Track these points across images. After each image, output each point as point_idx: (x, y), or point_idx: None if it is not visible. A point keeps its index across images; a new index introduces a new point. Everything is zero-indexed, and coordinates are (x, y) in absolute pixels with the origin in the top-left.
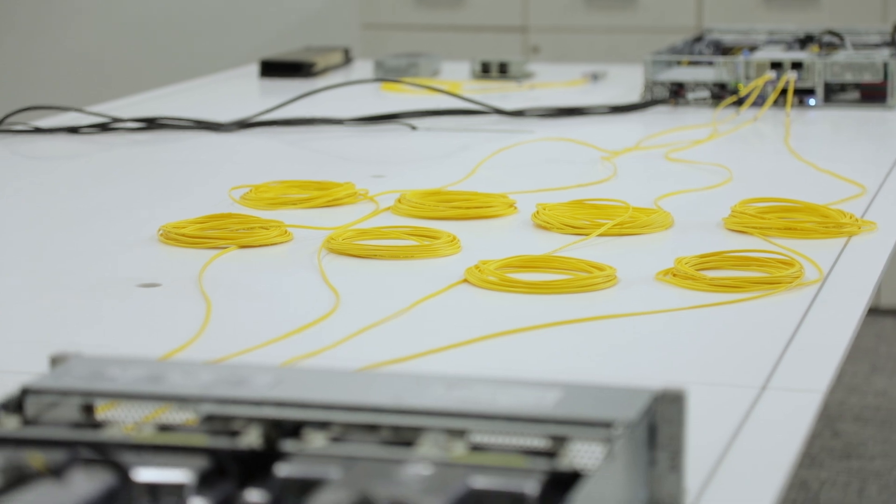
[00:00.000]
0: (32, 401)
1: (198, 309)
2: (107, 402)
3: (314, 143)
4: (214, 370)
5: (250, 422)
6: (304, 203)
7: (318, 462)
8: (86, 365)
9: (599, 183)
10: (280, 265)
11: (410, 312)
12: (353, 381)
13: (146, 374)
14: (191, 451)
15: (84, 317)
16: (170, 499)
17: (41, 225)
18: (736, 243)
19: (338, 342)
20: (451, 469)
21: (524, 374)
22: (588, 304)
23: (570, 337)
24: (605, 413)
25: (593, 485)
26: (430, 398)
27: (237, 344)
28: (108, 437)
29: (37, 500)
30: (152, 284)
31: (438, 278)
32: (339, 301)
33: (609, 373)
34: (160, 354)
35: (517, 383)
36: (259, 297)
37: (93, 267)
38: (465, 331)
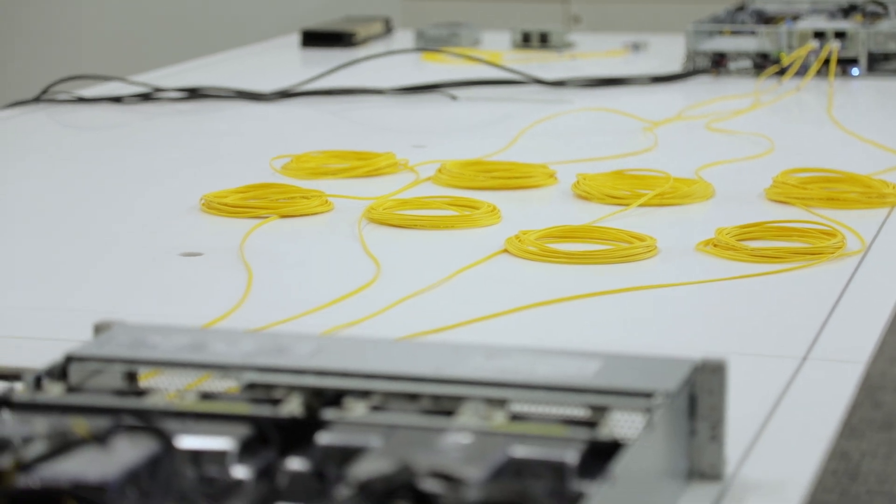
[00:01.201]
0: (76, 368)
1: (239, 278)
2: (149, 369)
3: (355, 113)
4: (256, 339)
5: (291, 390)
6: (344, 173)
7: (359, 431)
8: (129, 333)
9: (640, 153)
10: (320, 235)
11: (450, 282)
12: (393, 351)
13: (188, 343)
14: (232, 419)
15: (127, 285)
16: (212, 466)
17: (84, 194)
18: (777, 214)
19: (378, 312)
20: (490, 438)
21: (564, 344)
22: (628, 275)
23: (610, 307)
24: (646, 383)
25: (633, 454)
26: (470, 368)
27: (278, 313)
28: (151, 405)
29: (81, 465)
30: (194, 253)
31: (478, 248)
32: (379, 271)
33: (649, 343)
34: (202, 323)
35: (557, 353)
36: (300, 266)
37: (135, 236)
38: (505, 301)
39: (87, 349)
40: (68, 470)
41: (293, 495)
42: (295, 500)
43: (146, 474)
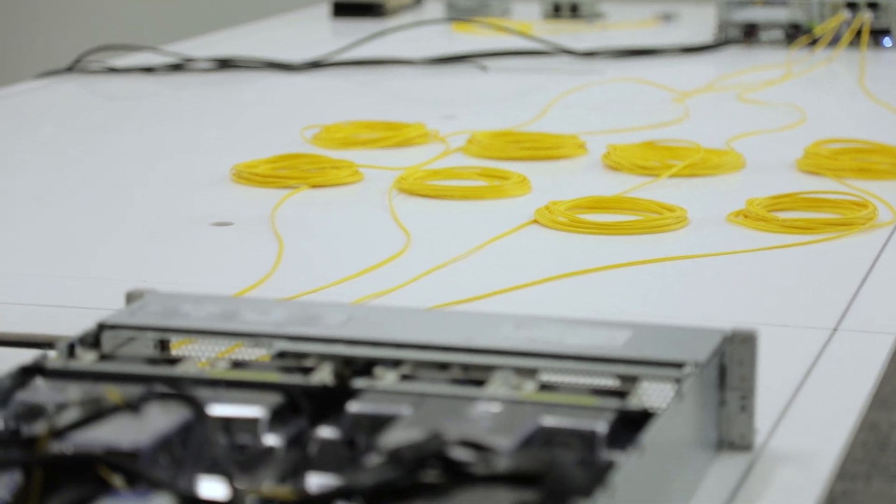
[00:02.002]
0: (109, 336)
1: (270, 247)
2: (181, 338)
3: (385, 84)
4: (287, 308)
5: (322, 359)
6: (374, 143)
7: (389, 399)
8: (161, 301)
9: (670, 124)
10: (351, 205)
11: (480, 252)
12: (423, 320)
13: (220, 311)
14: (263, 387)
15: (158, 254)
16: (243, 434)
17: (116, 164)
18: (809, 185)
19: (408, 281)
20: (520, 407)
21: (594, 315)
22: (658, 245)
23: (640, 278)
24: (676, 353)
25: (662, 425)
26: (499, 337)
27: (309, 282)
28: (183, 373)
29: (113, 432)
30: (225, 223)
31: (508, 219)
32: (409, 241)
33: (679, 313)
34: (233, 292)
35: (587, 323)
36: (330, 236)
37: (167, 206)
38: (535, 271)
39: (120, 317)
40: (101, 437)
41: (323, 463)
42: (325, 468)
43: (178, 441)
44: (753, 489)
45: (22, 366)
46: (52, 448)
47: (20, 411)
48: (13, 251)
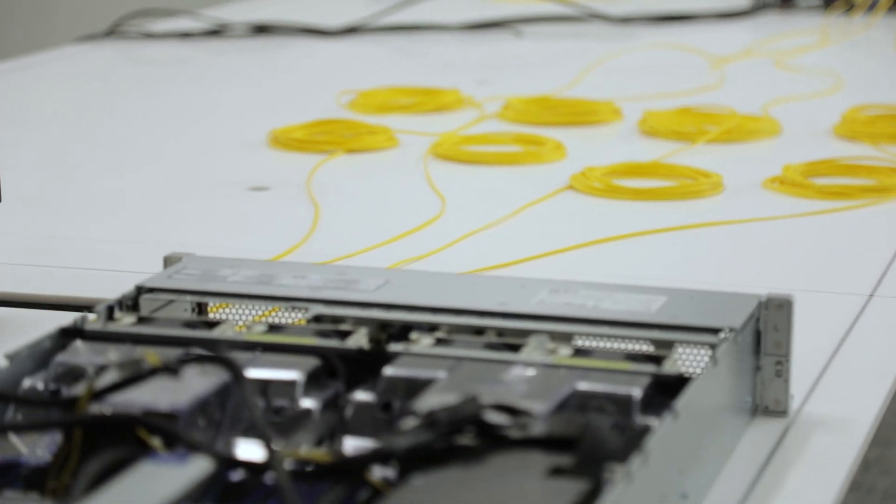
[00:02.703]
0: (147, 299)
1: (306, 212)
2: (218, 301)
3: (420, 50)
4: (323, 272)
5: (358, 323)
6: (410, 109)
7: (425, 364)
8: (198, 265)
9: (706, 90)
10: (387, 170)
11: (516, 218)
12: (459, 285)
13: (257, 275)
14: (300, 350)
15: (196, 218)
16: (280, 397)
17: (153, 129)
18: (845, 151)
19: (444, 246)
20: (555, 372)
21: (629, 280)
22: (694, 211)
23: (675, 243)
24: (711, 319)
25: (698, 389)
26: (535, 302)
27: (345, 247)
28: (220, 336)
29: (152, 394)
30: (262, 187)
31: (544, 184)
32: (444, 206)
33: (715, 279)
34: (270, 256)
35: (622, 288)
36: (366, 201)
37: (204, 170)
38: (570, 237)
39: (158, 281)
40: (140, 399)
41: (359, 427)
42: (361, 432)
43: (216, 404)
44: (788, 454)
45: (62, 328)
46: (91, 410)
47: (60, 373)
48: (51, 215)
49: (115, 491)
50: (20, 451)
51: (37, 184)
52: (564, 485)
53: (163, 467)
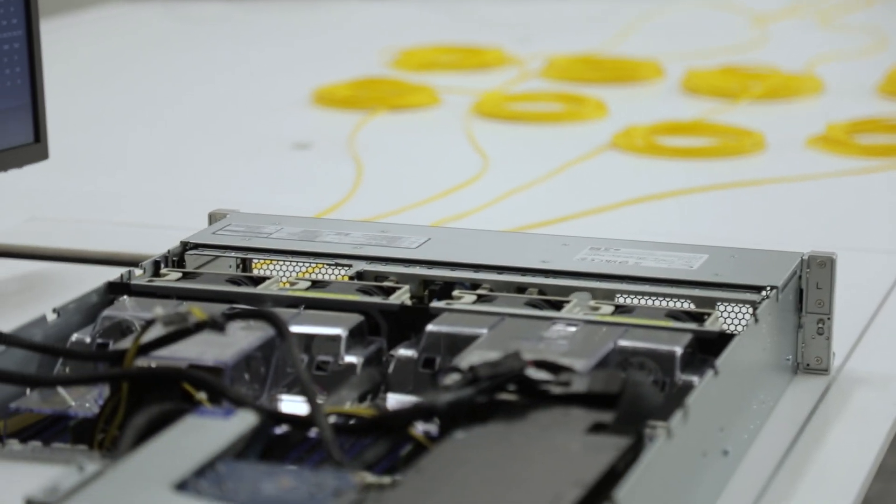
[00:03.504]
0: (192, 255)
1: (349, 169)
2: (263, 258)
3: (463, 8)
4: (366, 229)
5: (401, 280)
6: (452, 67)
7: (467, 320)
8: (243, 222)
9: (750, 48)
10: (429, 128)
11: (558, 176)
12: (501, 243)
13: (300, 232)
14: (343, 307)
15: (240, 176)
16: (323, 352)
17: (196, 88)
18: (890, 109)
19: (486, 204)
20: (597, 329)
21: (671, 238)
22: (736, 170)
23: (717, 202)
24: (753, 277)
25: (739, 347)
26: (577, 260)
27: (388, 204)
28: (264, 292)
29: (197, 349)
30: (305, 145)
31: (586, 143)
32: (487, 164)
33: (757, 237)
34: (313, 213)
35: (664, 246)
36: (409, 159)
37: (248, 128)
38: (613, 195)
39: (203, 237)
40: (185, 353)
41: (402, 382)
42: (403, 387)
43: (260, 359)
44: (829, 412)
45: (109, 283)
46: (137, 364)
47: (107, 327)
48: (98, 171)
49: (161, 444)
50: (68, 403)
51: (83, 142)
52: (605, 441)
53: (208, 421)
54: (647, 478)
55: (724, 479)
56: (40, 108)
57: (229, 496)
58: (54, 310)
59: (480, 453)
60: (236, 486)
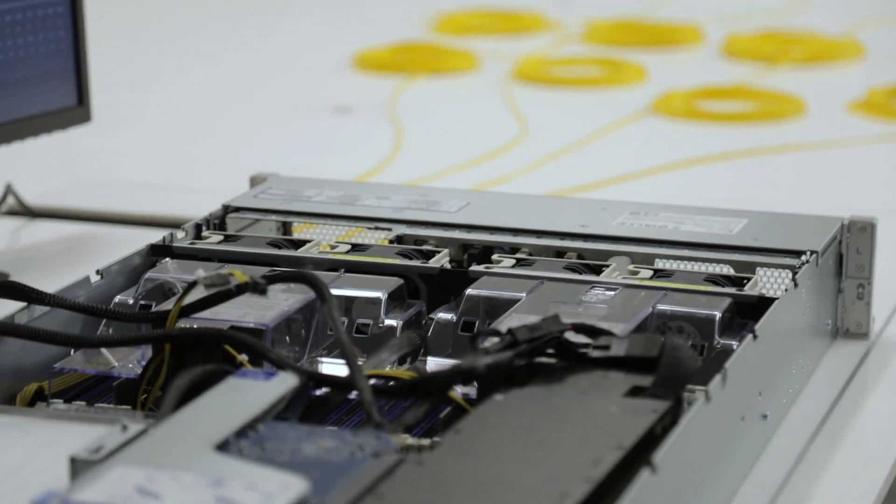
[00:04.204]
0: (234, 219)
1: (389, 133)
2: (303, 221)
3: None
4: (406, 193)
5: (441, 243)
6: (492, 31)
7: (506, 284)
8: (283, 185)
9: (790, 12)
10: (469, 92)
11: (597, 140)
12: (540, 207)
13: (341, 196)
14: (383, 270)
15: (281, 139)
16: (363, 315)
17: (239, 51)
18: None
19: (525, 168)
20: (636, 293)
21: (711, 203)
22: (777, 134)
23: (757, 166)
24: (793, 241)
25: (778, 312)
26: (616, 224)
27: (427, 168)
28: (305, 255)
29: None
30: (345, 109)
31: (625, 107)
32: (526, 128)
33: (797, 202)
34: (353, 177)
35: (703, 211)
36: (448, 123)
37: (289, 92)
38: (652, 159)
39: (244, 200)
40: (227, 315)
41: (441, 345)
42: (442, 350)
43: (301, 321)
44: (869, 376)
45: (151, 245)
46: (180, 325)
47: (149, 289)
48: (141, 134)
49: (202, 405)
50: (112, 364)
51: (126, 104)
52: (644, 404)
53: (249, 382)
54: (686, 441)
55: (763, 443)
56: (83, 72)
57: (270, 456)
58: (98, 271)
59: (519, 416)
60: (277, 447)
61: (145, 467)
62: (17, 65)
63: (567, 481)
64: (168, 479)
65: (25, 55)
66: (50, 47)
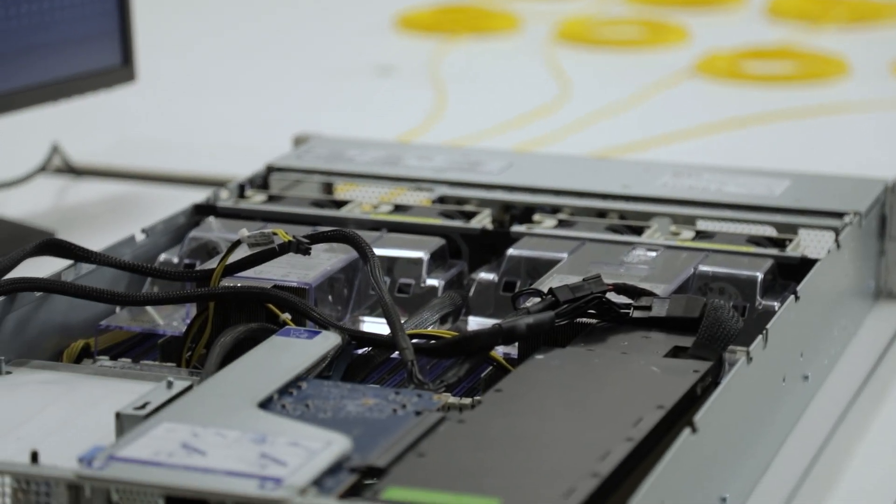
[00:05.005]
0: (277, 178)
1: (431, 94)
2: (346, 181)
3: None
4: (449, 154)
5: (482, 204)
6: None
7: (547, 245)
8: (326, 145)
9: None
10: (511, 53)
11: (639, 102)
12: (582, 168)
13: (383, 156)
14: (425, 230)
15: (323, 100)
16: (405, 275)
17: (281, 12)
18: None
19: (567, 129)
20: (678, 254)
21: (753, 164)
22: (821, 95)
23: (800, 128)
24: (835, 203)
25: (820, 273)
26: (658, 185)
27: (469, 129)
28: (348, 215)
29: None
30: (388, 69)
31: (668, 68)
32: (568, 89)
33: (840, 163)
34: (396, 137)
35: (746, 172)
36: (490, 83)
37: (332, 52)
38: (694, 121)
39: (287, 160)
40: (270, 274)
41: (482, 305)
42: (483, 310)
43: (343, 280)
44: None
45: (195, 205)
46: (224, 284)
47: (194, 248)
48: (185, 94)
49: (246, 363)
50: (157, 322)
51: (170, 64)
52: (685, 365)
53: (292, 341)
54: (726, 402)
55: (804, 404)
56: (129, 31)
57: (313, 414)
58: (143, 230)
59: (560, 376)
60: (319, 405)
61: (190, 423)
62: (63, 24)
63: (608, 440)
64: (212, 436)
65: (71, 15)
66: (95, 7)
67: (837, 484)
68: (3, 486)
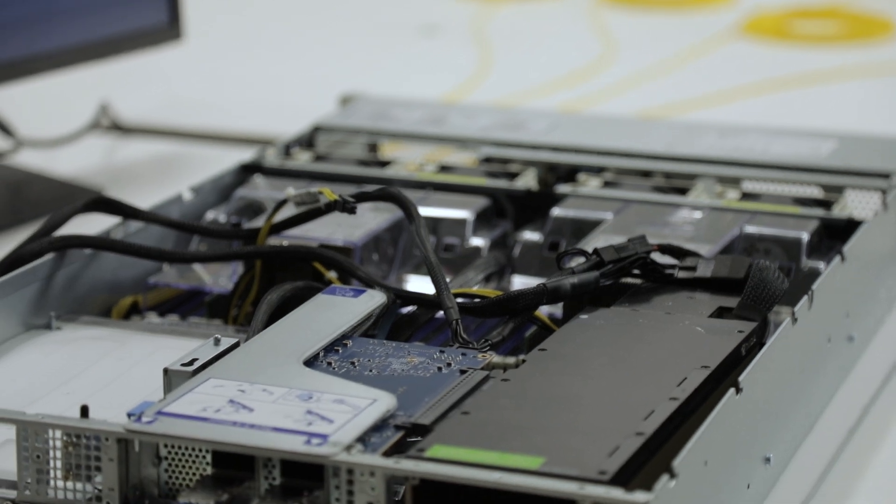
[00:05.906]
0: (323, 138)
1: (476, 54)
2: (391, 141)
3: None
4: (493, 114)
5: (527, 164)
6: None
7: (592, 205)
8: (372, 105)
9: None
10: (556, 13)
11: (686, 62)
12: (627, 128)
13: (428, 116)
14: (470, 190)
15: (369, 59)
16: (450, 235)
17: None
18: None
19: (612, 89)
20: (723, 215)
21: (799, 125)
22: (869, 56)
23: (847, 88)
24: (882, 163)
25: (867, 234)
26: (703, 146)
27: (515, 89)
28: (393, 175)
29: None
30: (433, 29)
31: (715, 28)
32: (614, 49)
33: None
34: (441, 97)
35: (792, 133)
36: (535, 43)
37: (378, 13)
38: (741, 81)
39: (333, 120)
40: (316, 232)
41: (527, 265)
42: (529, 270)
43: (388, 240)
44: None
45: (242, 164)
46: (270, 242)
47: (240, 206)
48: (231, 53)
49: (292, 320)
50: (204, 279)
51: (217, 23)
52: (730, 325)
53: (338, 299)
54: (771, 362)
55: (850, 365)
56: None
57: (358, 372)
58: (190, 188)
59: (605, 336)
60: (365, 363)
61: (237, 380)
62: None
63: (653, 400)
64: (259, 392)
65: None
66: None
67: (882, 444)
68: (54, 440)
